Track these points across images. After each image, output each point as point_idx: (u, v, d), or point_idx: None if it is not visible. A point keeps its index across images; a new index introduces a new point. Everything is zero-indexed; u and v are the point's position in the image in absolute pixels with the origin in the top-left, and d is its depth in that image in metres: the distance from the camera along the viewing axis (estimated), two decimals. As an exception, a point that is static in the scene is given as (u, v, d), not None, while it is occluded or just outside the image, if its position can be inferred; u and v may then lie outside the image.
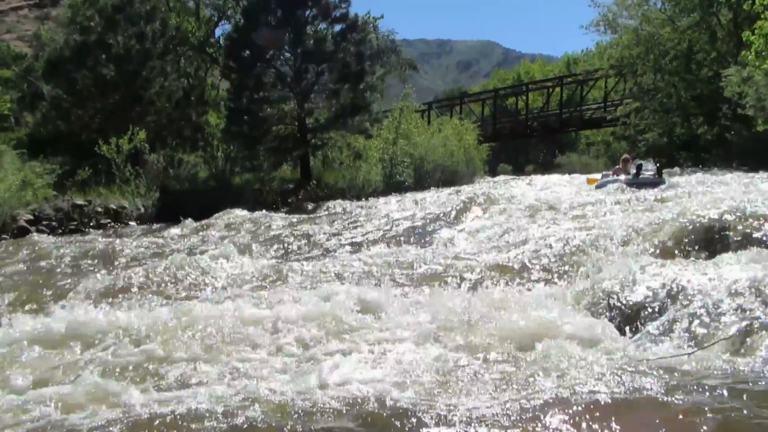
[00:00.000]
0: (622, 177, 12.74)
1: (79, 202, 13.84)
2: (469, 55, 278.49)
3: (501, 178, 24.85)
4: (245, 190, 17.25)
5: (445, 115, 27.95)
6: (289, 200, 17.35)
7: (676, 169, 17.64)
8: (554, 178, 18.57)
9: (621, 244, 6.18)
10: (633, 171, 12.83)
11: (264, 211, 13.19)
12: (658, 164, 13.76)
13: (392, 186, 18.22)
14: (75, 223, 13.25)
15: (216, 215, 12.58)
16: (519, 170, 35.21)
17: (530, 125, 30.65)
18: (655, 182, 12.23)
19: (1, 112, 18.39)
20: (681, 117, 22.07)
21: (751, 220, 5.70)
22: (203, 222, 12.05)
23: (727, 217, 5.83)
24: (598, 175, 14.97)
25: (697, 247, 5.60)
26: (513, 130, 31.49)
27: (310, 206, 15.90)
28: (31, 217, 12.60)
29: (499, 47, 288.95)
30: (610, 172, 13.93)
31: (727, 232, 5.62)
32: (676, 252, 5.64)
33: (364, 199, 15.84)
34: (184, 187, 16.49)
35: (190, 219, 12.23)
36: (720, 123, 19.35)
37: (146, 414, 3.05)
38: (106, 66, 18.17)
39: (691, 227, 5.91)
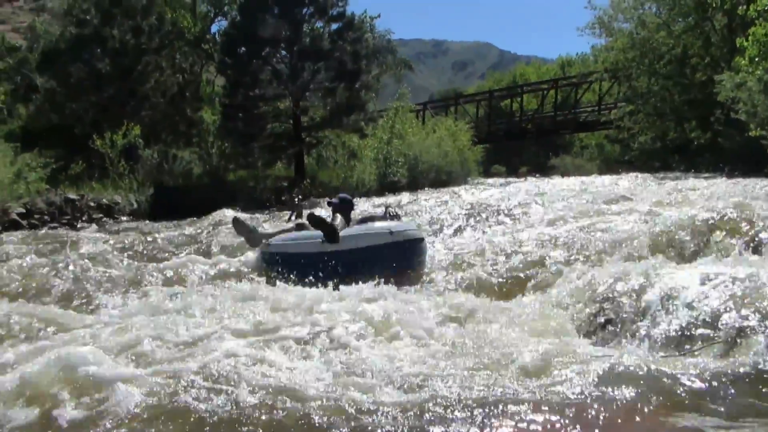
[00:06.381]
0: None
1: (72, 196, 13.76)
2: (465, 55, 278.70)
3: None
4: (239, 187, 17.24)
5: (440, 116, 28.03)
6: (283, 198, 17.34)
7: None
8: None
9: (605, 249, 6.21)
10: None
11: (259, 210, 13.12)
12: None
13: (386, 186, 18.24)
14: (67, 217, 13.19)
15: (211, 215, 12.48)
16: (513, 172, 35.25)
17: (525, 127, 30.73)
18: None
19: (-5, 103, 18.33)
20: (674, 121, 22.20)
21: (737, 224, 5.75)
22: (191, 219, 11.99)
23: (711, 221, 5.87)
24: None
25: (680, 250, 5.64)
26: (507, 132, 31.57)
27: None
28: (23, 210, 12.50)
29: (494, 48, 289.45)
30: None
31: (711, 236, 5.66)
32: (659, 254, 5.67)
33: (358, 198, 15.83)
34: (177, 183, 16.42)
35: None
36: (713, 128, 19.46)
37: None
38: (102, 60, 18.13)
39: (675, 231, 5.95)
